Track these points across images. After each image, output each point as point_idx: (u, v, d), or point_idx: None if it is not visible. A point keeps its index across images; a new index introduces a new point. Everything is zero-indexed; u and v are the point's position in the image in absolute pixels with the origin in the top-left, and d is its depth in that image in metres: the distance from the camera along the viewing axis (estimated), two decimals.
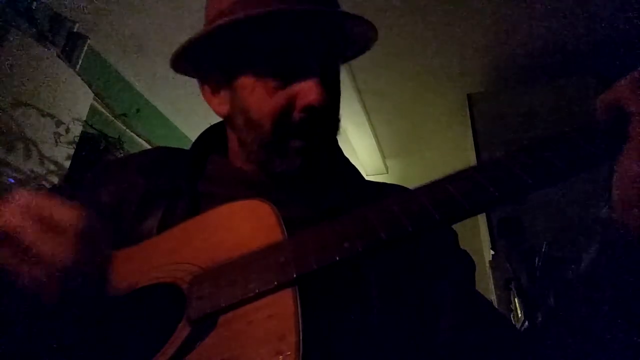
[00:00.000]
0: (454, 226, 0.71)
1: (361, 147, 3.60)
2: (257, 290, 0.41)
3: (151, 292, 0.49)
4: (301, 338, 0.37)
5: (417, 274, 0.57)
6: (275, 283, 0.41)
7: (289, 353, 0.36)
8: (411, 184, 0.46)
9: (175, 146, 0.76)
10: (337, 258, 0.41)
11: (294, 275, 0.41)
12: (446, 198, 0.41)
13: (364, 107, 3.13)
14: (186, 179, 0.62)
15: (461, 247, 0.66)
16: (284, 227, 0.47)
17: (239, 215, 0.51)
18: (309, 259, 0.42)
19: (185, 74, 0.69)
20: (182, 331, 0.42)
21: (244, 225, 0.50)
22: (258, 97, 0.60)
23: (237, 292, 0.42)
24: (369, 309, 0.52)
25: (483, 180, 0.40)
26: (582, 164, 0.39)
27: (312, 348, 0.37)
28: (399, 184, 0.71)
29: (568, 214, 2.09)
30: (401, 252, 0.57)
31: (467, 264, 0.63)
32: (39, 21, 2.05)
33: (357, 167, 0.72)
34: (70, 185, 0.70)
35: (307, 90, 0.57)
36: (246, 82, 0.61)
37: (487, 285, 2.37)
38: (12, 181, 1.80)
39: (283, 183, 0.62)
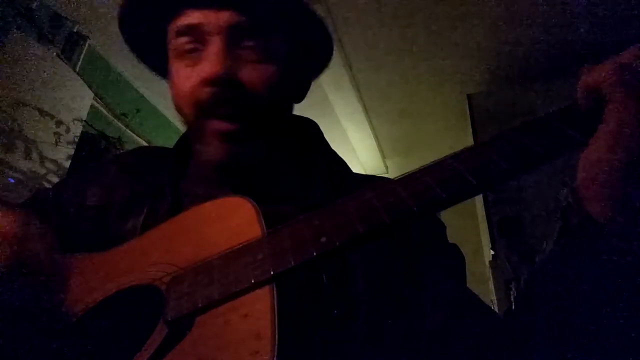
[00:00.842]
0: (449, 220, 0.70)
1: (361, 147, 3.60)
2: (233, 289, 0.40)
3: (131, 294, 0.48)
4: (277, 336, 0.35)
5: (405, 268, 0.56)
6: (252, 281, 0.40)
7: (265, 352, 0.35)
8: None
9: None
10: (315, 254, 0.40)
11: (271, 273, 0.40)
12: (423, 188, 0.40)
13: (364, 107, 3.12)
14: (168, 179, 0.61)
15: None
16: (263, 223, 0.46)
17: (218, 213, 0.50)
18: (286, 256, 0.41)
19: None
20: (160, 333, 0.41)
21: (224, 223, 0.49)
22: (179, 79, 0.57)
23: (214, 291, 0.41)
24: (356, 304, 0.51)
25: (460, 168, 0.39)
26: (561, 148, 0.38)
27: (293, 346, 0.36)
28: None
29: None
30: (389, 245, 0.56)
31: (455, 257, 0.62)
32: (39, 21, 2.05)
33: (357, 166, 0.71)
34: (54, 188, 0.69)
35: (205, 61, 0.53)
36: (172, 67, 0.59)
37: (487, 285, 2.37)
38: (12, 181, 1.80)
39: (264, 179, 0.60)
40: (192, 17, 0.55)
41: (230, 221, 0.48)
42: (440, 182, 0.39)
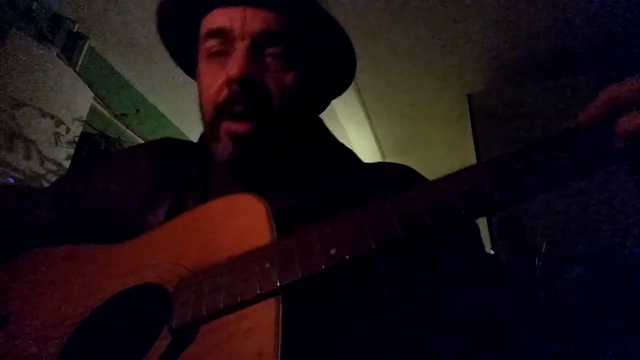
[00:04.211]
0: None
1: (361, 147, 3.60)
2: (239, 299, 0.39)
3: (140, 293, 0.48)
4: (280, 354, 0.34)
5: (425, 255, 0.54)
6: (258, 292, 0.39)
7: None
8: None
9: None
10: (323, 267, 0.38)
11: (277, 284, 0.38)
12: (442, 202, 0.38)
13: (364, 107, 3.13)
14: (198, 170, 0.62)
15: None
16: (273, 225, 0.44)
17: (228, 212, 0.49)
18: (293, 266, 0.39)
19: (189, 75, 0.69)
20: (163, 340, 0.40)
21: (234, 223, 0.48)
22: (207, 82, 0.59)
23: (220, 300, 0.40)
24: (380, 317, 0.48)
25: (484, 183, 0.37)
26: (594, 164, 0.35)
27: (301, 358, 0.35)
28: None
29: (568, 214, 2.08)
30: (417, 252, 0.54)
31: (471, 227, 0.61)
32: (39, 21, 2.05)
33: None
34: (81, 176, 0.69)
35: (230, 64, 0.55)
36: (200, 69, 0.61)
37: None
38: (12, 181, 1.80)
39: (271, 171, 0.60)
40: (223, 20, 0.57)
41: (240, 221, 0.47)
42: (461, 195, 0.37)
